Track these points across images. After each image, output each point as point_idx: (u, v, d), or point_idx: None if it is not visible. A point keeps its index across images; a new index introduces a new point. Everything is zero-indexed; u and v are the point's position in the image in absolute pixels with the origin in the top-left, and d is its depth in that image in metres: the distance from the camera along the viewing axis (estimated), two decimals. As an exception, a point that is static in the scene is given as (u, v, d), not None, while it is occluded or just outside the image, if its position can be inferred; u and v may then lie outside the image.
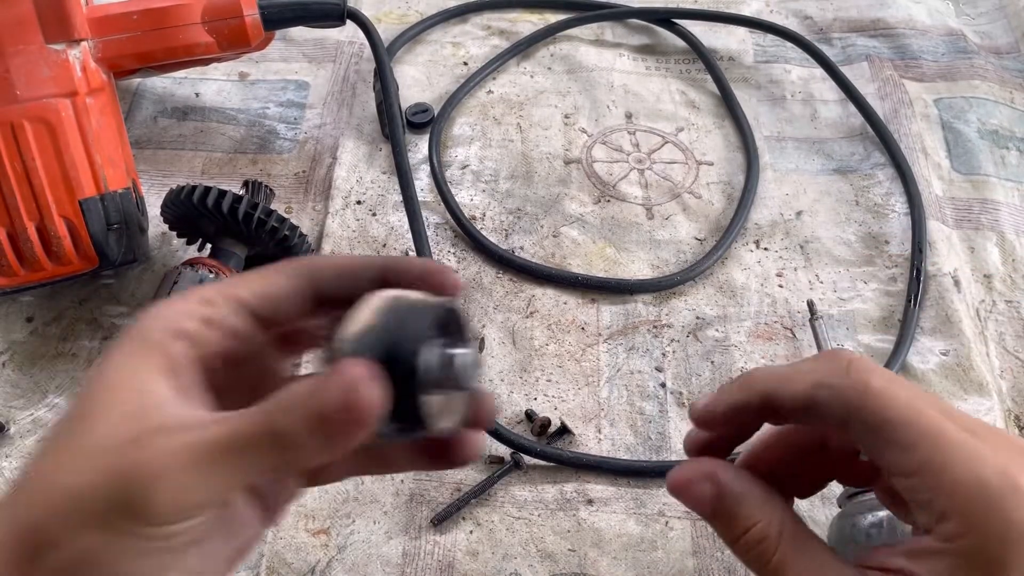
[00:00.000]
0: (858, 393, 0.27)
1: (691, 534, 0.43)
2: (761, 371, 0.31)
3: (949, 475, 0.26)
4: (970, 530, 0.26)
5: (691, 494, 0.31)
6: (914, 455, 0.26)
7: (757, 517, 0.29)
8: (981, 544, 0.25)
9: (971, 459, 0.26)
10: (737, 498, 0.30)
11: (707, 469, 0.31)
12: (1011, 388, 0.49)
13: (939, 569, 0.26)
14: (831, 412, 0.28)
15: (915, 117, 0.63)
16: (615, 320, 0.52)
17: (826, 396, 0.28)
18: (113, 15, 0.49)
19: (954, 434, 0.26)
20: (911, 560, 0.27)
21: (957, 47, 0.69)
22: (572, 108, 0.64)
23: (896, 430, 0.27)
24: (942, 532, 0.26)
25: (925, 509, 0.27)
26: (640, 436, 0.47)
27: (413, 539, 0.43)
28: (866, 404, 0.27)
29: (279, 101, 0.64)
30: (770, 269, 0.55)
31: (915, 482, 0.27)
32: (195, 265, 0.47)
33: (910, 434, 0.27)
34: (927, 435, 0.26)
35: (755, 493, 0.30)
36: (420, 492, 0.44)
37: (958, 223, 0.57)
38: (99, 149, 0.46)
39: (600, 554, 0.42)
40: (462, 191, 0.58)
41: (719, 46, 0.69)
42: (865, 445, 0.28)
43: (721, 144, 0.62)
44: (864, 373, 0.28)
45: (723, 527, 0.30)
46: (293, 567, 0.42)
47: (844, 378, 0.28)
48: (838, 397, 0.28)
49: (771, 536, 0.29)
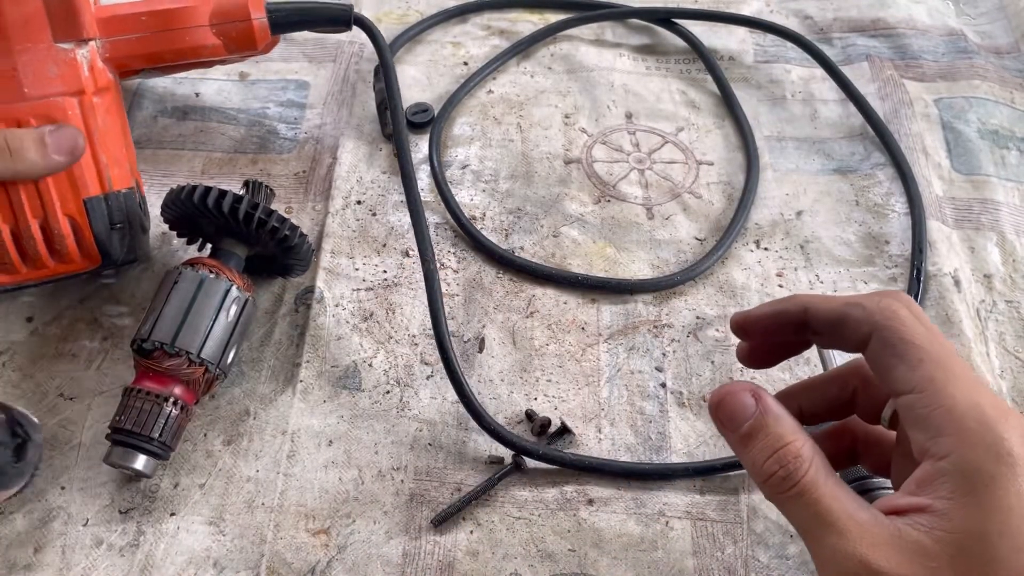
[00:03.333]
0: (885, 316, 0.30)
1: (691, 534, 0.43)
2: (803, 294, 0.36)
3: (949, 394, 0.28)
4: (963, 444, 0.27)
5: (733, 403, 0.32)
6: (919, 371, 0.29)
7: (795, 435, 0.31)
8: (973, 458, 0.27)
9: (970, 388, 0.29)
10: (776, 416, 0.31)
11: (751, 385, 0.33)
12: (1011, 388, 0.49)
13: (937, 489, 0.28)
14: (857, 328, 0.31)
15: (915, 117, 0.63)
16: (615, 320, 0.52)
17: (857, 313, 0.31)
18: (121, 15, 0.48)
19: (960, 368, 0.29)
20: (912, 495, 0.28)
21: (957, 47, 0.69)
22: (572, 108, 0.64)
23: (909, 349, 0.30)
24: (936, 448, 0.28)
25: (922, 426, 0.29)
26: (640, 436, 0.47)
27: (413, 539, 0.43)
28: (889, 324, 0.30)
29: (279, 101, 0.64)
30: (770, 269, 0.55)
31: (916, 398, 0.29)
32: (195, 265, 0.47)
33: (920, 353, 0.29)
34: (935, 359, 0.29)
35: (791, 419, 0.32)
36: (420, 492, 0.44)
37: (958, 223, 0.57)
38: (104, 148, 0.46)
39: (600, 554, 0.42)
40: (462, 191, 0.58)
41: (719, 46, 0.69)
42: (879, 362, 0.31)
43: (721, 144, 0.62)
44: (895, 302, 0.31)
45: (757, 444, 0.31)
46: (293, 567, 0.42)
47: (876, 302, 0.31)
48: (867, 316, 0.31)
49: (804, 456, 0.30)
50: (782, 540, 0.43)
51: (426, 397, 0.48)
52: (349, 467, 0.45)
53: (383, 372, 0.49)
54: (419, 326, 0.51)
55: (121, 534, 0.43)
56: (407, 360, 0.50)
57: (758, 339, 0.36)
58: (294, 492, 0.44)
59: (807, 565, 0.42)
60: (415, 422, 0.47)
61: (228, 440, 0.46)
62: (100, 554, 0.42)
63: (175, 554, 0.42)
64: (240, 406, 0.48)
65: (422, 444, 0.46)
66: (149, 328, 0.44)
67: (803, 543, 0.30)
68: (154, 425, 0.42)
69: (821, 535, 0.28)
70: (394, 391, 0.48)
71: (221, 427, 0.47)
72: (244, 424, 0.47)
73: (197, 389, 0.45)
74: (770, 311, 0.35)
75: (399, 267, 0.54)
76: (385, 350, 0.50)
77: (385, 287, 0.53)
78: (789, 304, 0.34)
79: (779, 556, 0.42)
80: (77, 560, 0.42)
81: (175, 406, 0.43)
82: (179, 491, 0.44)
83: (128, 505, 0.44)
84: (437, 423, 0.47)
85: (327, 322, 0.51)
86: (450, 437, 0.47)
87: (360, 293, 0.53)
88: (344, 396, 0.48)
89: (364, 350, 0.50)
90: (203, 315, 0.44)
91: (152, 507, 0.44)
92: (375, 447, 0.46)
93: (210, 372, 0.45)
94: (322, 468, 0.45)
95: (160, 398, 0.43)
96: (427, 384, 0.49)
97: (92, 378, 0.48)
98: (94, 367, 0.49)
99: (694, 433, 0.47)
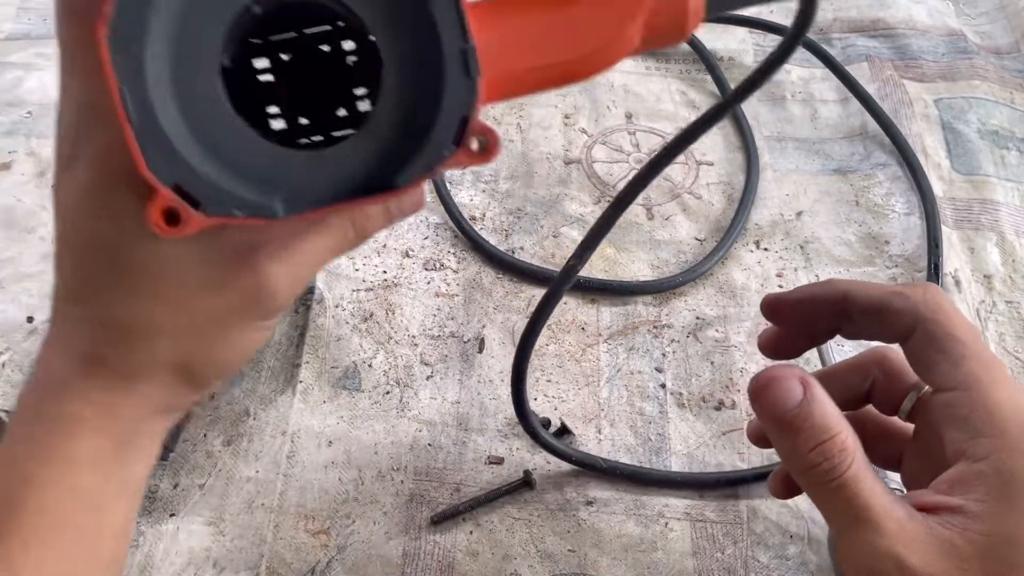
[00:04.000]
0: (930, 308, 0.30)
1: (691, 535, 0.43)
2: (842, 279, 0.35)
3: (992, 394, 0.28)
4: (1003, 448, 0.27)
5: (778, 390, 0.30)
6: (963, 368, 0.28)
7: (838, 428, 0.29)
8: (1012, 462, 0.27)
9: (1014, 391, 0.28)
10: (823, 405, 0.30)
11: (800, 372, 0.30)
12: (1011, 388, 0.49)
13: (972, 491, 0.27)
14: (901, 318, 0.30)
15: (915, 117, 0.63)
16: (615, 320, 0.52)
17: (900, 303, 0.30)
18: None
19: (1001, 370, 0.29)
20: (945, 493, 0.28)
21: (957, 47, 0.69)
22: (572, 108, 0.64)
23: (955, 345, 0.29)
24: (975, 449, 0.27)
25: (961, 425, 0.28)
26: (640, 437, 0.47)
27: (413, 539, 0.43)
28: (935, 318, 0.30)
29: (279, 101, 0.64)
30: (770, 269, 0.55)
31: (958, 396, 0.28)
32: (195, 265, 0.46)
33: (964, 350, 0.29)
34: (980, 358, 0.29)
35: (835, 408, 0.30)
36: (420, 492, 0.44)
37: (958, 223, 0.57)
38: None
39: (600, 555, 0.42)
40: (462, 191, 0.58)
41: (719, 46, 0.69)
42: (921, 355, 0.30)
43: (721, 144, 0.62)
44: (940, 295, 0.30)
45: (803, 434, 0.29)
46: (293, 567, 0.42)
47: (921, 293, 0.30)
48: (912, 307, 0.30)
49: (849, 449, 0.29)
50: (782, 541, 0.43)
51: (426, 398, 0.48)
52: (349, 467, 0.45)
53: (383, 373, 0.49)
54: (419, 326, 0.51)
55: (121, 534, 0.43)
56: (407, 361, 0.50)
57: (790, 324, 0.35)
58: (294, 492, 0.44)
59: (807, 566, 0.42)
60: (415, 423, 0.47)
61: (228, 440, 0.46)
62: (100, 554, 0.42)
63: (175, 555, 0.42)
64: (240, 406, 0.48)
65: (422, 445, 0.46)
66: (149, 328, 0.44)
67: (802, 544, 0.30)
68: (154, 426, 0.42)
69: (857, 530, 0.28)
70: (394, 392, 0.48)
71: (221, 427, 0.47)
72: (244, 424, 0.47)
73: (197, 389, 0.45)
74: (807, 294, 0.34)
75: (399, 267, 0.54)
76: (385, 351, 0.50)
77: (385, 287, 0.53)
78: (828, 288, 0.33)
79: (779, 557, 0.42)
80: (77, 560, 0.42)
81: (175, 406, 0.43)
82: (179, 491, 0.44)
83: (128, 505, 0.44)
84: (437, 424, 0.47)
85: (327, 323, 0.51)
86: (450, 438, 0.47)
87: (360, 294, 0.53)
88: (344, 397, 0.48)
89: (364, 351, 0.50)
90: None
91: (151, 508, 0.44)
92: (375, 447, 0.46)
93: (210, 372, 0.45)
94: (322, 468, 0.45)
95: (160, 398, 0.43)
96: (427, 385, 0.49)
97: (92, 378, 0.48)
98: (94, 367, 0.49)
99: (694, 434, 0.47)
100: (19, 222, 0.55)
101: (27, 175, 0.58)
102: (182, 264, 0.24)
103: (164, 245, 0.23)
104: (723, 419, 0.47)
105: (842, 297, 0.32)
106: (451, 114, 0.22)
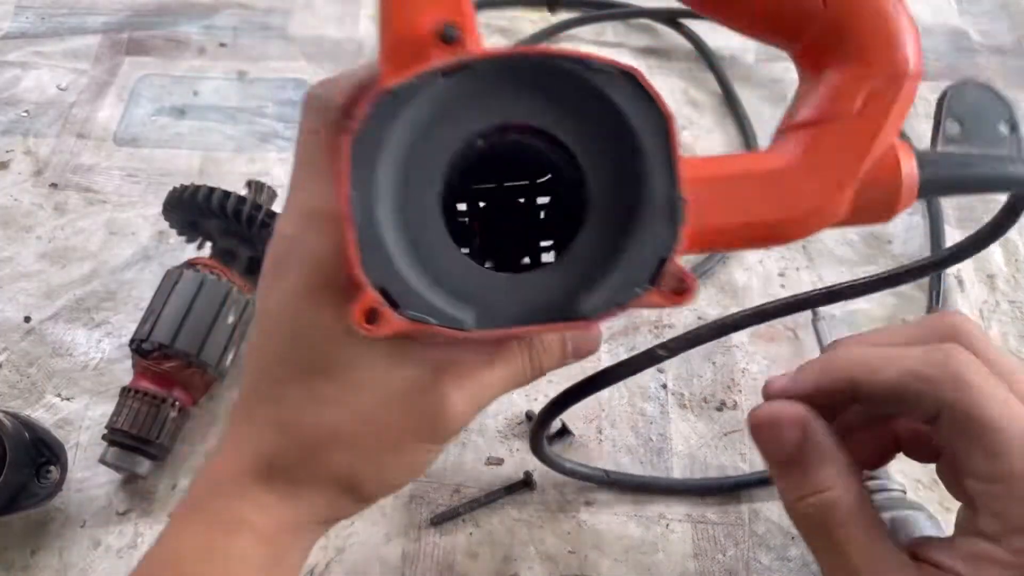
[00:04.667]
0: (953, 390, 0.26)
1: (692, 536, 0.43)
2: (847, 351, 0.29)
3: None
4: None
5: (774, 434, 0.28)
6: (1000, 463, 0.25)
7: (833, 482, 0.27)
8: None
9: None
10: (822, 456, 0.28)
11: (800, 415, 0.28)
12: (1014, 389, 0.49)
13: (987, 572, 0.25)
14: (921, 404, 0.26)
15: (917, 116, 0.62)
16: (616, 320, 0.51)
17: (918, 388, 0.26)
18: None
19: None
20: (969, 564, 0.26)
21: (959, 46, 0.68)
22: (573, 107, 0.64)
23: (986, 434, 0.25)
24: (1012, 544, 0.25)
25: (998, 518, 0.26)
26: (641, 437, 0.47)
27: (413, 541, 0.43)
28: (960, 400, 0.25)
29: (278, 100, 0.64)
30: (772, 269, 0.54)
31: (995, 489, 0.25)
32: (196, 265, 0.46)
33: (1000, 441, 0.25)
34: (1014, 445, 0.25)
35: (839, 457, 0.28)
36: (420, 494, 0.44)
37: (960, 223, 0.57)
38: None
39: (601, 556, 0.42)
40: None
41: (721, 45, 0.69)
42: (950, 441, 0.27)
43: (723, 143, 0.62)
44: (962, 366, 0.26)
45: (793, 481, 0.28)
46: (292, 569, 0.41)
47: (941, 369, 0.26)
48: (932, 391, 0.26)
49: (842, 507, 0.27)
50: (783, 542, 0.42)
51: (426, 398, 0.48)
52: (348, 468, 0.45)
53: (382, 373, 0.49)
54: (419, 326, 0.51)
55: (119, 535, 0.43)
56: (407, 361, 0.49)
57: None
58: (293, 493, 0.44)
59: (808, 567, 0.42)
60: (415, 423, 0.47)
61: (227, 441, 0.46)
62: (98, 556, 0.42)
63: (173, 556, 0.42)
64: (239, 407, 0.47)
65: (422, 445, 0.46)
66: (148, 328, 0.44)
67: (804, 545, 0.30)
68: (152, 427, 0.42)
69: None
70: (394, 392, 0.48)
71: (219, 429, 0.46)
72: (243, 425, 0.47)
73: (195, 390, 0.45)
74: (812, 387, 0.29)
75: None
76: (385, 350, 0.50)
77: (385, 287, 0.53)
78: (834, 376, 0.29)
79: (781, 558, 0.42)
80: (75, 562, 0.42)
81: (173, 407, 0.43)
82: (177, 492, 0.44)
83: (126, 506, 0.44)
84: (437, 424, 0.47)
85: (326, 322, 0.51)
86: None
87: (359, 293, 0.52)
88: (343, 397, 0.48)
89: (363, 350, 0.50)
90: (203, 317, 0.44)
91: (150, 508, 0.43)
92: (374, 448, 0.46)
93: (209, 374, 0.44)
94: (321, 469, 0.45)
95: (158, 399, 0.43)
96: (427, 385, 0.48)
97: (90, 378, 0.48)
98: (92, 367, 0.49)
99: (695, 435, 0.47)
100: (16, 221, 0.55)
101: (24, 174, 0.57)
102: (373, 373, 0.25)
103: (359, 349, 0.24)
104: (725, 419, 0.47)
105: (850, 386, 0.28)
106: (650, 255, 0.23)
